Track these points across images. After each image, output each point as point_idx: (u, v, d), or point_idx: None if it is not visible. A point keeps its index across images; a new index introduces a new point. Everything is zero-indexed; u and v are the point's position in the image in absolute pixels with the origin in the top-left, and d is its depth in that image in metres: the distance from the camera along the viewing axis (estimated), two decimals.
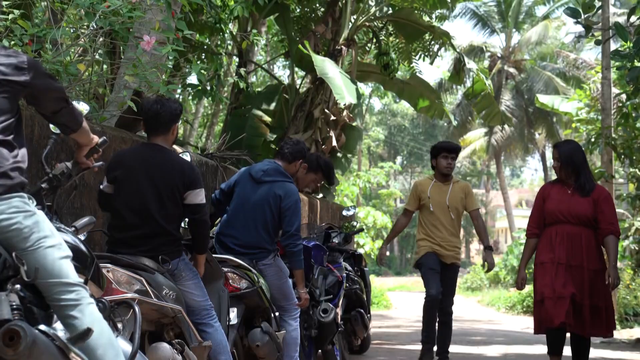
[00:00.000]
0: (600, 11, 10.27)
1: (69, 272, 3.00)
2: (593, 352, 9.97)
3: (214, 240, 5.68)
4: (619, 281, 6.09)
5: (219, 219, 5.91)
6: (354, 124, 13.36)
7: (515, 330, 13.67)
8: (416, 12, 13.16)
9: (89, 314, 3.00)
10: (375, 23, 13.59)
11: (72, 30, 6.28)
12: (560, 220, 6.14)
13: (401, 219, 7.75)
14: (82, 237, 3.44)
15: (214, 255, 5.14)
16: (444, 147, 7.60)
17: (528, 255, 6.33)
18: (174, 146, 6.50)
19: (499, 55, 32.84)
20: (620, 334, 12.15)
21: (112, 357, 3.02)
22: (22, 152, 3.05)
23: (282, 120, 12.56)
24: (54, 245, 3.00)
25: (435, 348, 7.45)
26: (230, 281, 5.31)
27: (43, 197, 3.37)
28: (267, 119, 12.34)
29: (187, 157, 4.79)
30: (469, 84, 14.82)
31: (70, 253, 3.04)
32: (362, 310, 7.98)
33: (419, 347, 7.66)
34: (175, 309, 4.19)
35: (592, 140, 12.16)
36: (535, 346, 10.04)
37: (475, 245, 50.43)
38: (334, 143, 12.47)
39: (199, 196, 4.56)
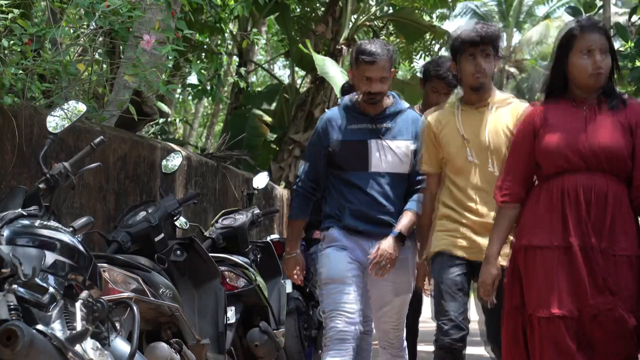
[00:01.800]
0: (601, 11, 10.26)
1: None
2: None
3: None
4: None
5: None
6: None
7: None
8: (417, 11, 13.16)
9: None
10: (376, 23, 13.58)
11: (71, 30, 6.27)
12: (573, 167, 3.38)
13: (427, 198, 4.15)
14: (79, 237, 3.44)
15: (210, 254, 5.14)
16: (467, 36, 4.01)
17: (504, 232, 3.55)
18: (173, 145, 6.51)
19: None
20: None
21: None
22: None
23: (282, 120, 12.55)
24: None
25: None
26: (227, 280, 5.31)
27: (41, 197, 3.36)
28: (268, 118, 12.33)
29: (178, 158, 4.79)
30: None
31: None
32: None
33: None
34: (173, 308, 4.19)
35: None
36: None
37: None
38: None
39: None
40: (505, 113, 4.06)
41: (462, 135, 4.02)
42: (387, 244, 4.04)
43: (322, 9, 13.27)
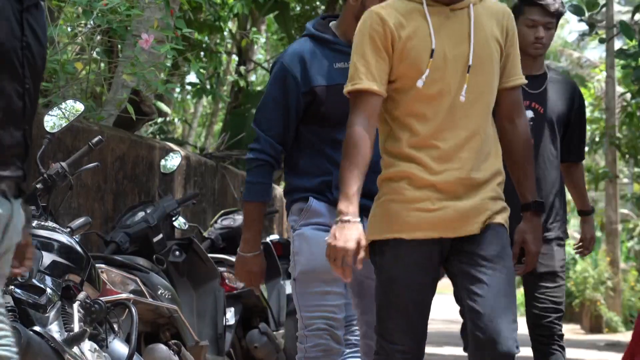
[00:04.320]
0: (604, 9, 10.24)
1: None
2: (597, 355, 9.90)
3: None
4: None
5: None
6: None
7: (524, 333, 13.62)
8: None
9: None
10: None
11: (69, 29, 6.26)
12: None
13: (356, 129, 2.63)
14: (77, 238, 3.43)
15: (209, 254, 5.12)
16: None
17: None
18: (172, 145, 6.48)
19: None
20: (625, 336, 12.13)
21: None
22: None
23: None
24: None
25: None
26: (226, 281, 5.30)
27: (38, 197, 3.35)
28: None
29: (177, 158, 4.76)
30: None
31: None
32: None
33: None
34: (171, 309, 4.17)
35: (596, 139, 12.23)
36: None
37: None
38: None
39: None
40: (486, 16, 2.82)
41: (432, 49, 2.69)
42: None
43: (322, 7, 13.26)
